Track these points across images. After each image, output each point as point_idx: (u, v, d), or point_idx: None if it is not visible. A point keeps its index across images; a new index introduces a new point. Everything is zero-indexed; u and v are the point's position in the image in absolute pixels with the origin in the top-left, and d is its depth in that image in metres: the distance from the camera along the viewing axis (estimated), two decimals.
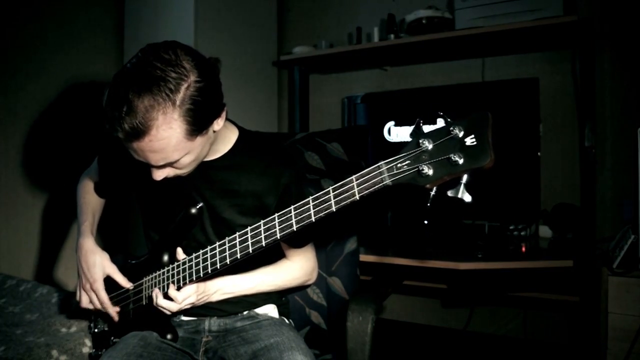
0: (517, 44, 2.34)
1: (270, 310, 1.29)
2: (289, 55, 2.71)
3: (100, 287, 1.21)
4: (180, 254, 1.15)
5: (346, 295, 1.43)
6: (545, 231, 2.24)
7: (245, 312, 1.25)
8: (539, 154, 2.15)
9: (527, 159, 2.14)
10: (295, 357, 1.06)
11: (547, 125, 2.26)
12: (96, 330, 1.33)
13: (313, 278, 1.33)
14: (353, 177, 0.87)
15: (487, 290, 2.38)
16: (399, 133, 2.40)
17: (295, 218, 0.94)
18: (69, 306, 1.61)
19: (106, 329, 1.31)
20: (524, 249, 2.02)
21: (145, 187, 1.23)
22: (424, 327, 2.64)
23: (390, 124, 2.41)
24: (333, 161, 1.50)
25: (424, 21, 2.31)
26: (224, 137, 1.17)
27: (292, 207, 0.95)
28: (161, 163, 1.01)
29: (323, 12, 2.90)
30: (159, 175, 1.05)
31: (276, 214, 0.98)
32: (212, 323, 1.24)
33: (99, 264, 1.21)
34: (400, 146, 0.88)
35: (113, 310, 1.23)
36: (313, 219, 0.92)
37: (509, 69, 2.41)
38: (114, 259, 1.25)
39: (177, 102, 0.93)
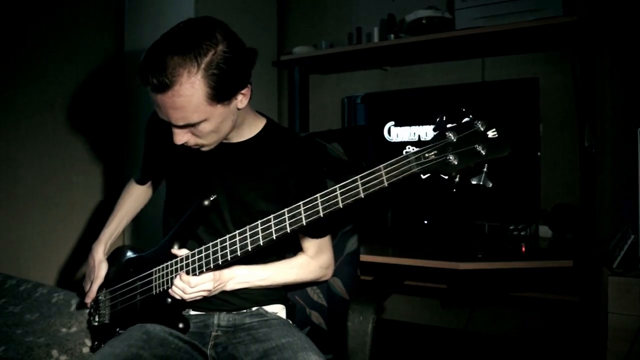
0: (517, 44, 2.34)
1: (279, 310, 1.30)
2: (289, 55, 2.71)
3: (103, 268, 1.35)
4: (178, 252, 1.17)
5: (346, 295, 1.43)
6: (545, 231, 2.24)
7: (254, 309, 1.26)
8: (539, 154, 2.15)
9: (527, 159, 2.14)
10: (310, 357, 1.07)
11: (547, 125, 2.26)
12: (95, 323, 1.33)
13: (329, 274, 1.33)
14: (381, 166, 0.93)
15: (487, 290, 2.38)
16: (399, 133, 2.39)
17: (322, 205, 0.98)
18: (69, 306, 1.61)
19: (107, 321, 1.31)
20: (524, 249, 2.02)
21: (174, 169, 1.30)
22: (424, 327, 2.64)
23: (390, 124, 2.41)
24: (333, 161, 1.50)
25: (424, 21, 2.31)
26: (250, 123, 1.22)
27: (319, 194, 0.99)
28: (181, 123, 1.06)
29: (323, 12, 2.90)
30: (179, 138, 1.09)
31: (301, 202, 1.01)
32: (222, 318, 1.24)
33: (104, 268, 1.35)
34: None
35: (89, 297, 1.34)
36: (340, 205, 0.96)
37: (509, 69, 2.41)
38: (123, 251, 1.35)
39: (203, 65, 1.00)
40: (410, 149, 2.19)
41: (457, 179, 0.91)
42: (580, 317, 2.04)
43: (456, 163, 0.88)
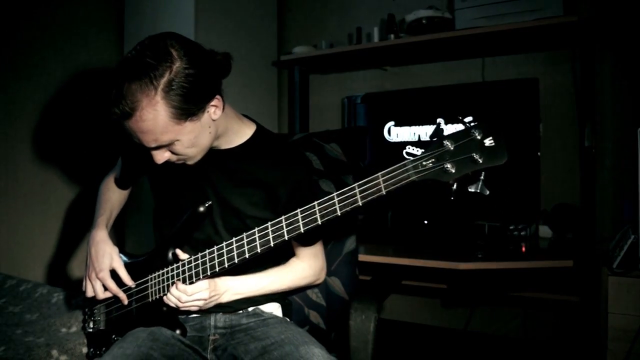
0: (517, 44, 2.34)
1: (274, 309, 1.30)
2: (289, 55, 2.71)
3: (106, 275, 1.23)
4: (181, 254, 1.17)
5: (345, 295, 1.43)
6: (545, 231, 2.24)
7: (250, 309, 1.26)
8: (539, 154, 2.15)
9: (527, 159, 2.14)
10: (313, 350, 1.07)
11: (547, 125, 2.26)
12: (90, 330, 1.33)
13: (322, 277, 1.34)
14: (379, 174, 0.94)
15: (487, 290, 2.38)
16: (399, 133, 2.39)
17: (319, 212, 1.00)
18: (69, 306, 1.61)
19: (102, 327, 1.31)
20: (524, 249, 2.02)
21: (160, 176, 1.29)
22: (424, 327, 2.64)
23: (390, 124, 2.41)
24: (331, 162, 1.50)
25: (424, 21, 2.31)
26: (238, 130, 1.22)
27: (317, 202, 1.00)
28: (153, 145, 1.06)
29: (323, 12, 2.90)
30: (158, 158, 1.10)
31: (299, 209, 1.02)
32: (218, 319, 1.25)
33: (108, 255, 1.25)
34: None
35: (123, 295, 1.24)
36: (339, 212, 0.98)
37: (509, 69, 2.41)
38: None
39: (160, 86, 1.00)
40: (411, 149, 2.19)
41: (454, 187, 0.93)
42: (580, 317, 2.04)
43: (453, 171, 0.90)
